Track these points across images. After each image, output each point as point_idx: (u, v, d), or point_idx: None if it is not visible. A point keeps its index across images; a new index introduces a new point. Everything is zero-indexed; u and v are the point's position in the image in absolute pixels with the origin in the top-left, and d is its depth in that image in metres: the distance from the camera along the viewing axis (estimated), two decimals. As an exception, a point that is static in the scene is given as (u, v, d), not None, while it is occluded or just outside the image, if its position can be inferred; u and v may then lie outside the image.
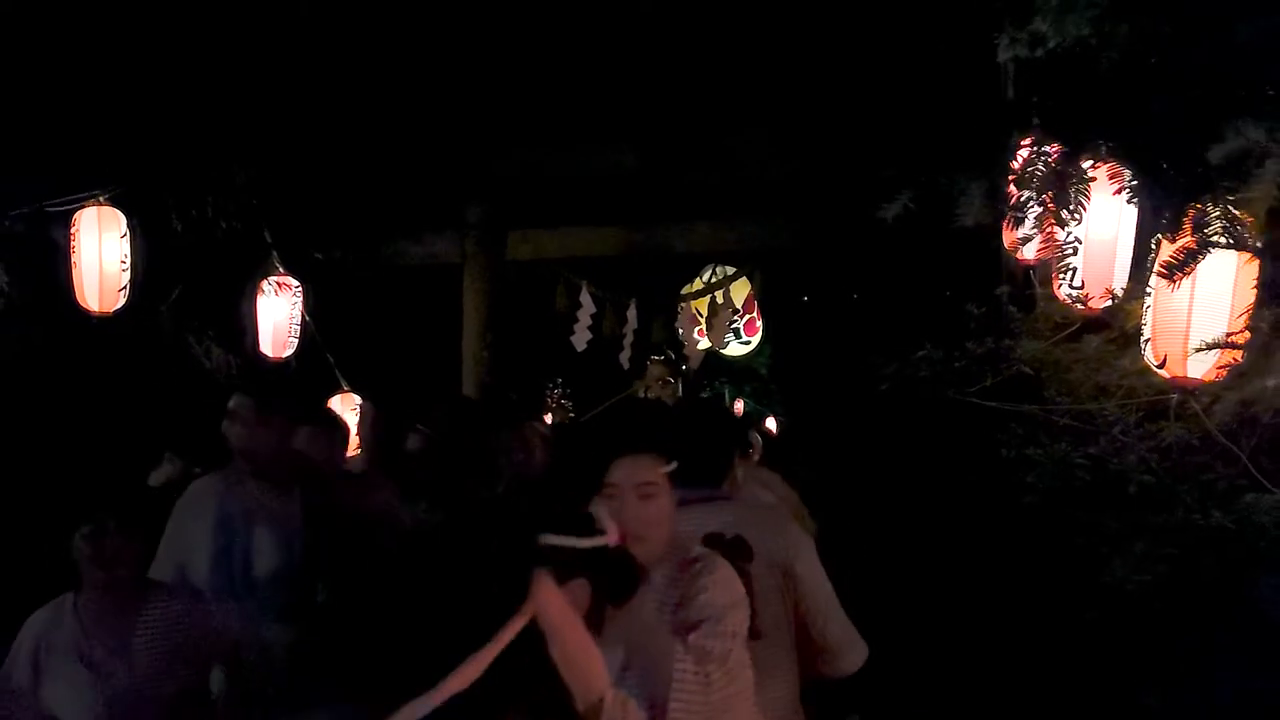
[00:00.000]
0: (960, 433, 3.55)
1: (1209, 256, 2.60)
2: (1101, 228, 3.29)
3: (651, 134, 6.93)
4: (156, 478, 4.55)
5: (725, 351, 7.81)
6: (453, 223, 7.26)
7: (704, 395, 5.42)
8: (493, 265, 7.23)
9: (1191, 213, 2.05)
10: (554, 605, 1.87)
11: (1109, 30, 2.09)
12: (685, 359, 7.47)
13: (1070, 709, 3.04)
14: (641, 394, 4.28)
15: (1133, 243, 3.14)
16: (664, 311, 7.47)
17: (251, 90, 5.26)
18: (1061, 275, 3.42)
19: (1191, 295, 2.74)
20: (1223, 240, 2.04)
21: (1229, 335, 2.20)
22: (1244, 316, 2.15)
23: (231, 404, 3.85)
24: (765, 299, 7.76)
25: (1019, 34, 2.32)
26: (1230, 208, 1.87)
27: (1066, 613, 2.95)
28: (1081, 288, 3.38)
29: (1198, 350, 2.34)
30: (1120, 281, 3.19)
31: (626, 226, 7.28)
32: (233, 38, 5.07)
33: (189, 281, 5.75)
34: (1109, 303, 3.26)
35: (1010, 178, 2.39)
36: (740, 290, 7.67)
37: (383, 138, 6.42)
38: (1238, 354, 2.25)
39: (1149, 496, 2.87)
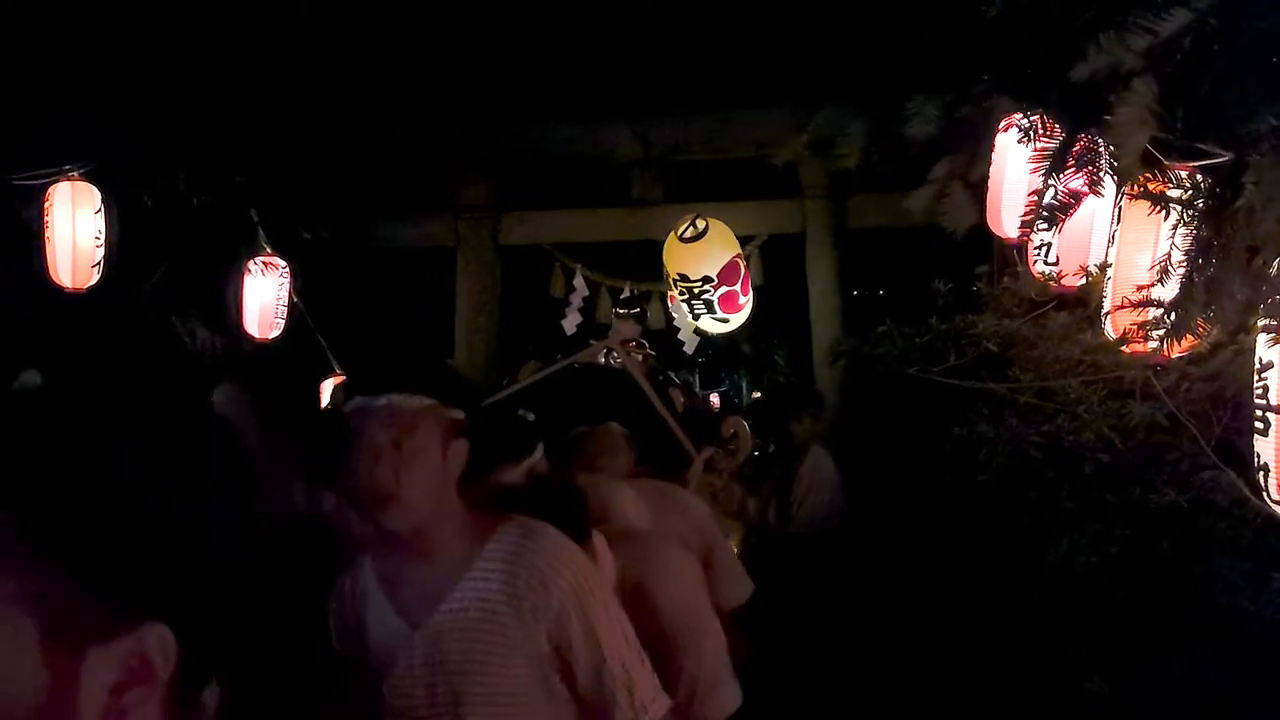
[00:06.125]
0: (924, 412, 3.44)
1: (1169, 223, 2.51)
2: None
3: (650, 116, 6.86)
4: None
5: (702, 326, 6.71)
6: (447, 204, 7.22)
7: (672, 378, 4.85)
8: (486, 248, 7.17)
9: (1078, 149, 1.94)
10: None
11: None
12: (680, 342, 7.34)
13: (1014, 692, 2.93)
14: (602, 359, 3.93)
15: (1110, 217, 3.04)
16: (663, 294, 7.37)
17: (238, 65, 5.21)
18: (1036, 251, 3.34)
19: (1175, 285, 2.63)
20: (1110, 178, 1.93)
21: (1142, 287, 2.07)
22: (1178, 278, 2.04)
23: None
24: (766, 277, 7.17)
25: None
26: (1109, 143, 1.76)
27: (1012, 594, 2.84)
28: (1056, 263, 3.29)
29: (1119, 308, 2.22)
30: (1096, 257, 3.09)
31: (623, 209, 7.18)
32: (219, 10, 5.01)
33: (174, 260, 5.70)
34: (1083, 280, 3.15)
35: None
36: (716, 254, 6.48)
37: (376, 117, 6.38)
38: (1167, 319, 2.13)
39: (1106, 476, 2.76)
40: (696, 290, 6.46)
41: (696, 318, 6.60)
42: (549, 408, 2.98)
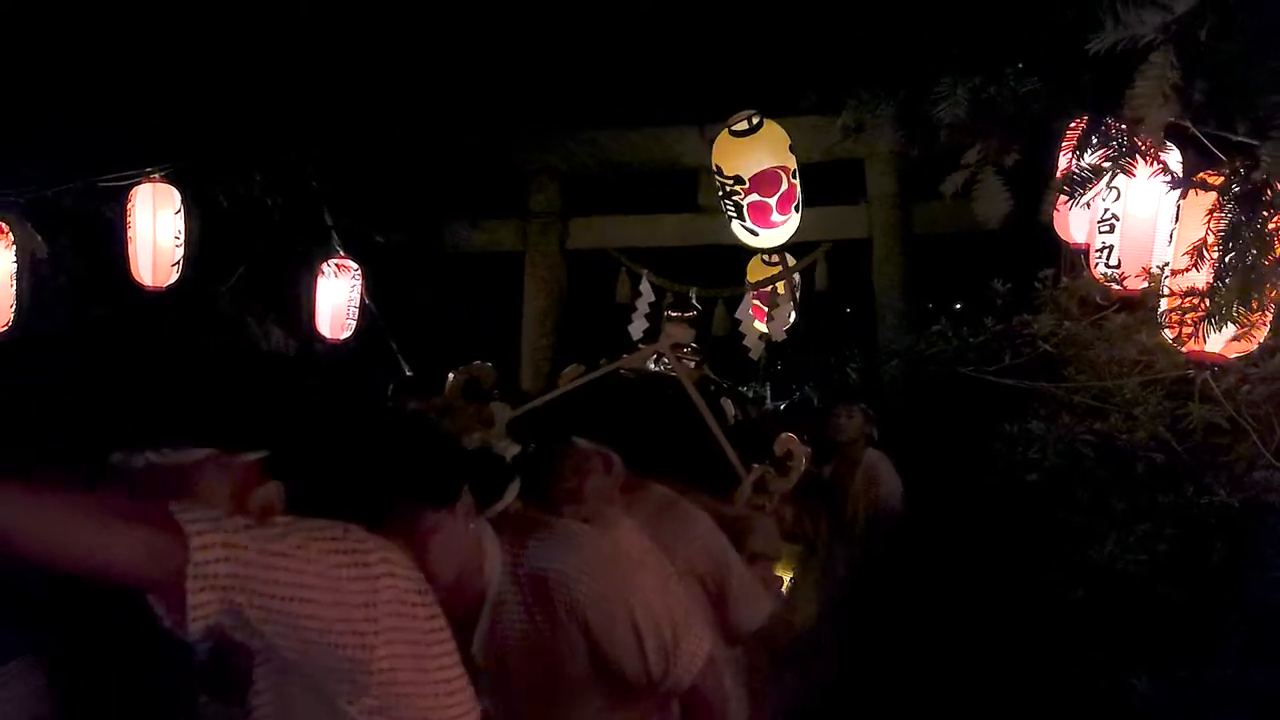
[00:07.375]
0: (979, 413, 3.43)
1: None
2: (1140, 205, 3.17)
3: (716, 121, 6.89)
4: None
5: (742, 240, 6.18)
6: (515, 209, 7.32)
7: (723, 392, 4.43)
8: (553, 252, 7.26)
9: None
10: None
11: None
12: (746, 349, 7.33)
13: (1054, 687, 2.90)
14: (652, 365, 3.78)
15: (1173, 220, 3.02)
16: (728, 300, 7.38)
17: (313, 71, 5.36)
18: (1098, 254, 3.32)
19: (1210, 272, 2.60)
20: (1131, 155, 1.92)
21: (1177, 271, 2.05)
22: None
23: None
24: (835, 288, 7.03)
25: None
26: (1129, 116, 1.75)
27: (1057, 592, 2.81)
28: (1118, 266, 3.27)
29: (1168, 294, 2.21)
30: (1159, 260, 3.06)
31: (689, 214, 7.22)
32: (292, 16, 5.16)
33: (251, 261, 5.87)
34: (1145, 283, 3.13)
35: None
36: (758, 156, 5.91)
37: (447, 123, 6.50)
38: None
39: (1160, 476, 2.74)
40: (728, 188, 5.99)
41: (729, 221, 6.19)
42: (589, 417, 2.76)
